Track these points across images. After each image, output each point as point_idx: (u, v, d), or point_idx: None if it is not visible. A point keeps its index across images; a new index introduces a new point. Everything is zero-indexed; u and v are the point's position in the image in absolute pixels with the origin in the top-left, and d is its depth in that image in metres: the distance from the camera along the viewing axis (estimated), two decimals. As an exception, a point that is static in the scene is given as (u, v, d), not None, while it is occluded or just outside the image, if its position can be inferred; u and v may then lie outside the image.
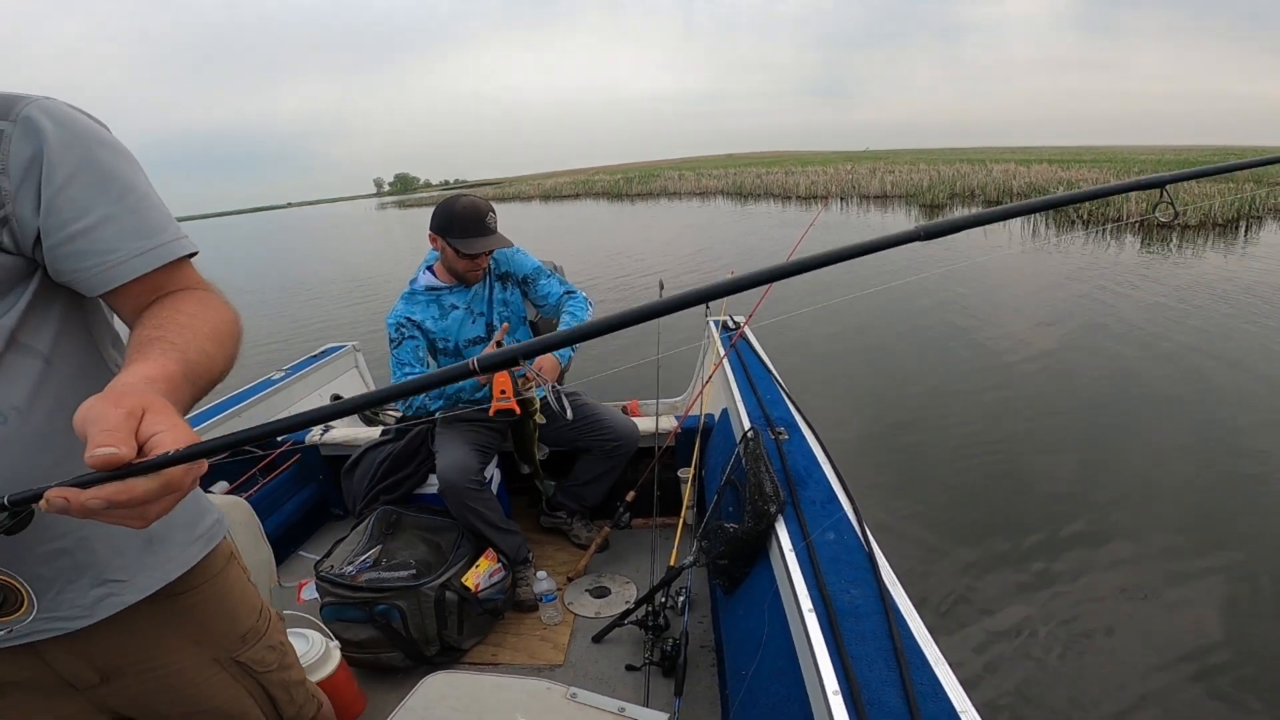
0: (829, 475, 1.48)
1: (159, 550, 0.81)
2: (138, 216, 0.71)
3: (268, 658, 0.96)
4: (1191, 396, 4.44)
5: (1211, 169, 0.74)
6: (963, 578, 2.72)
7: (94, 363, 0.76)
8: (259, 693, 0.96)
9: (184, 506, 0.84)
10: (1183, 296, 6.91)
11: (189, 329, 0.68)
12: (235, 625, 0.92)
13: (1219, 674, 2.16)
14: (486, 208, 1.95)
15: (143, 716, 0.88)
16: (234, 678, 0.92)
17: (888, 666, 0.93)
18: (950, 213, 16.32)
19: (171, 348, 0.64)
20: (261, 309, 10.73)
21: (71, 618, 0.74)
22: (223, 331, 0.73)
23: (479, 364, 0.51)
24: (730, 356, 2.30)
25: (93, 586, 0.75)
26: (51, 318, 0.71)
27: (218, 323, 0.73)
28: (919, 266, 9.31)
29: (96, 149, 0.68)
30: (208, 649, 0.89)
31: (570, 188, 41.71)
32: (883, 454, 3.91)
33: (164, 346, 0.64)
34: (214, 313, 0.73)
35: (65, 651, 0.76)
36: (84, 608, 0.75)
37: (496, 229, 1.97)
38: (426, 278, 2.06)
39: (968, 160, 30.97)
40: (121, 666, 0.81)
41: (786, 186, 24.98)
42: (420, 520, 1.99)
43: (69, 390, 0.70)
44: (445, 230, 1.95)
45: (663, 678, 1.67)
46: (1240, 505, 3.17)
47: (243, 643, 0.93)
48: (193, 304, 0.72)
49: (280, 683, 0.99)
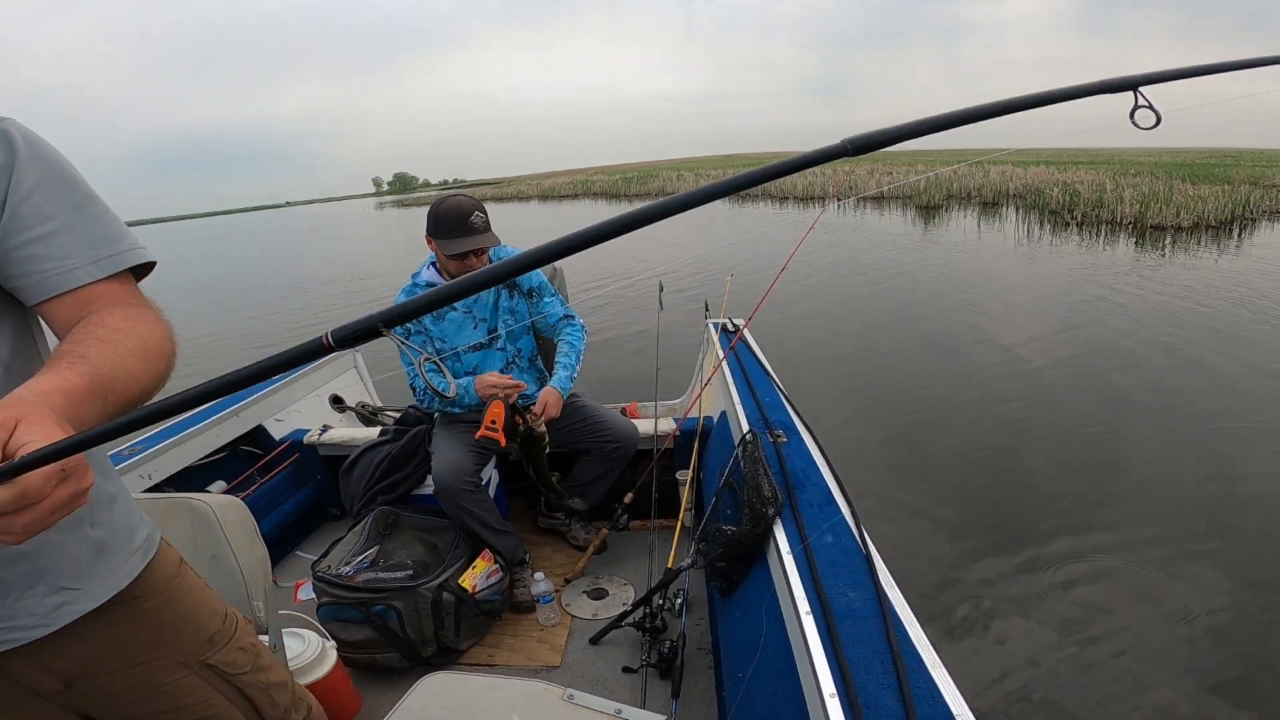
0: (827, 478, 1.48)
1: (109, 559, 0.81)
2: (98, 226, 0.73)
3: (239, 659, 0.96)
4: (1195, 397, 4.44)
5: (1192, 69, 0.61)
6: (963, 578, 2.72)
7: (32, 367, 0.75)
8: (235, 695, 0.95)
9: (126, 515, 0.85)
10: (1188, 297, 6.94)
11: (109, 344, 0.67)
12: (199, 629, 0.92)
13: (1221, 676, 2.16)
14: (472, 207, 1.91)
15: (113, 718, 0.87)
16: (205, 681, 0.92)
17: (884, 669, 0.93)
18: (947, 215, 16.40)
19: (81, 361, 0.63)
20: (263, 309, 10.76)
21: (29, 626, 0.75)
22: (150, 348, 0.72)
23: (333, 337, 0.47)
24: (729, 359, 2.30)
25: (49, 594, 0.75)
26: (7, 327, 0.71)
27: (145, 338, 0.72)
28: (920, 264, 9.34)
29: (61, 162, 0.72)
30: (172, 653, 0.88)
31: (569, 188, 41.71)
32: (886, 453, 3.91)
33: (72, 360, 0.62)
34: (143, 327, 0.73)
35: (27, 663, 0.77)
36: (41, 615, 0.75)
37: (486, 228, 1.93)
38: (429, 273, 2.05)
39: (967, 161, 31.00)
40: (84, 674, 0.81)
41: (783, 187, 25.04)
42: (418, 521, 1.99)
43: None
44: (432, 231, 1.94)
45: (660, 680, 1.67)
46: (1247, 506, 3.16)
47: (210, 645, 0.92)
48: (119, 319, 0.72)
49: (257, 685, 0.98)
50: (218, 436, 2.37)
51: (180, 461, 2.20)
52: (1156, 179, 17.86)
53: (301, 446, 2.54)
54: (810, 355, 5.81)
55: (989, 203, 18.43)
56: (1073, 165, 26.44)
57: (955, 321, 6.57)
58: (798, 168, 0.51)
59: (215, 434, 2.36)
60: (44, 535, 0.64)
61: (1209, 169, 21.84)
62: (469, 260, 1.93)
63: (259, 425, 2.56)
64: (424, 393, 2.03)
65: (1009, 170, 23.78)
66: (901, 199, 20.28)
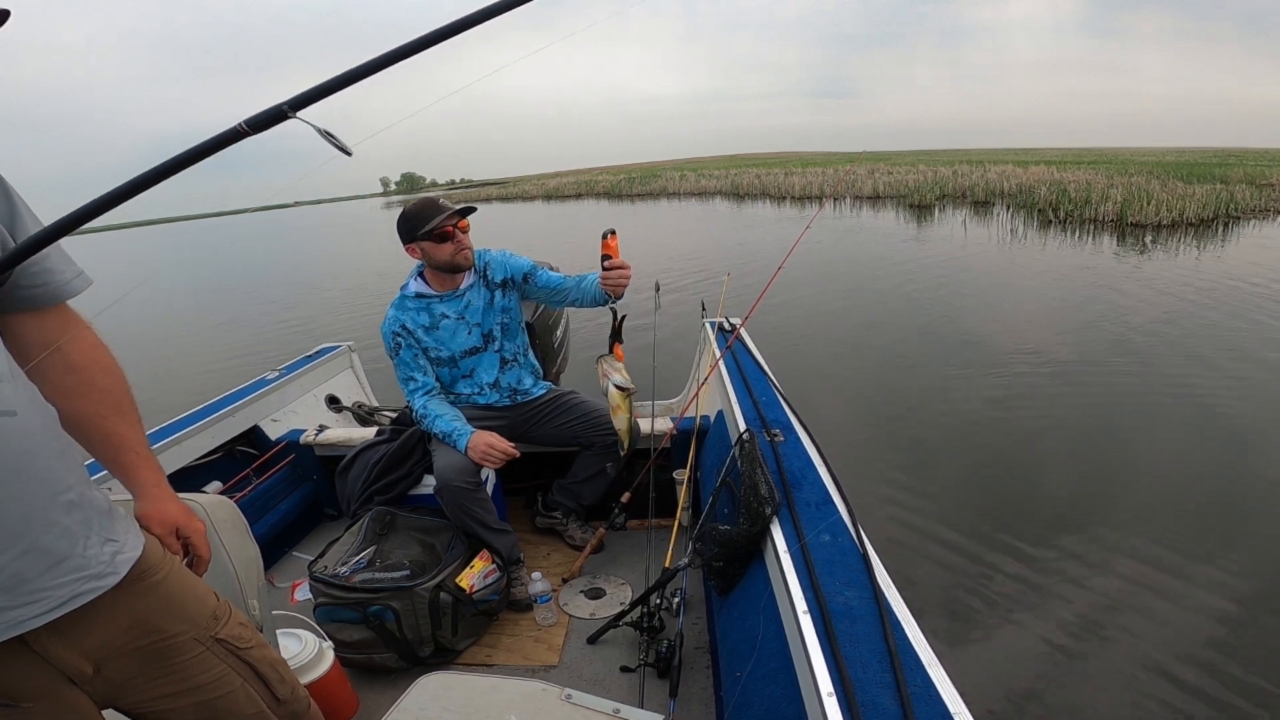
0: (824, 477, 1.48)
1: (124, 520, 0.92)
2: (62, 250, 0.89)
3: (244, 634, 1.02)
4: (1198, 399, 4.43)
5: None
6: (963, 577, 2.73)
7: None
8: (246, 671, 1.01)
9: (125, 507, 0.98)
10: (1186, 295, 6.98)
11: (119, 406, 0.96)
12: (202, 604, 0.99)
13: (1224, 680, 2.14)
14: (436, 197, 1.98)
15: (137, 704, 0.93)
16: (218, 657, 0.98)
17: (882, 668, 0.93)
18: (939, 212, 16.47)
19: (138, 445, 0.99)
20: (256, 309, 10.72)
21: (102, 574, 0.83)
22: (130, 395, 0.98)
23: (247, 124, 0.57)
24: (726, 358, 2.30)
25: (103, 543, 0.85)
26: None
27: (126, 388, 0.98)
28: (920, 264, 9.36)
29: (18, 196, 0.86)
30: (186, 627, 0.95)
31: (573, 188, 41.70)
32: (884, 453, 3.91)
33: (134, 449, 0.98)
34: (117, 376, 0.97)
35: (59, 643, 0.82)
36: (106, 563, 0.84)
37: (456, 206, 1.96)
38: (417, 284, 2.04)
39: (967, 162, 31.03)
40: (110, 654, 0.88)
41: (782, 187, 25.14)
42: (414, 521, 1.98)
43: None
44: (407, 233, 1.95)
45: (658, 679, 1.67)
46: (1254, 506, 3.15)
47: (215, 620, 0.99)
48: (105, 378, 0.95)
49: (265, 660, 1.04)
50: (213, 437, 2.36)
51: (175, 462, 2.19)
52: (1152, 178, 17.88)
53: (298, 447, 2.53)
54: (807, 353, 5.81)
55: (980, 201, 18.49)
56: (1073, 165, 26.37)
57: (953, 320, 6.59)
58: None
59: (210, 434, 2.35)
60: (82, 486, 0.84)
61: (1209, 168, 21.72)
62: (456, 237, 1.93)
63: (255, 426, 2.55)
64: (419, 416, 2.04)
65: (1009, 169, 23.79)
66: (896, 197, 20.35)
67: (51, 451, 0.81)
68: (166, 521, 0.98)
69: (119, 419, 0.95)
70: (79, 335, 0.92)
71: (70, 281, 0.90)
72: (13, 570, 0.75)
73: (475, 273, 2.06)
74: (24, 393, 0.79)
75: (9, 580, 0.75)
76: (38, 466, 0.78)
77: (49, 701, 0.84)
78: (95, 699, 0.89)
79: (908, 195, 19.89)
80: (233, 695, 0.99)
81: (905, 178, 22.99)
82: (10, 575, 0.75)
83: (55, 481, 0.80)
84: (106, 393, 0.94)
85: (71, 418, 0.89)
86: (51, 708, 0.84)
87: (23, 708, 0.82)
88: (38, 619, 0.78)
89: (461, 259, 1.96)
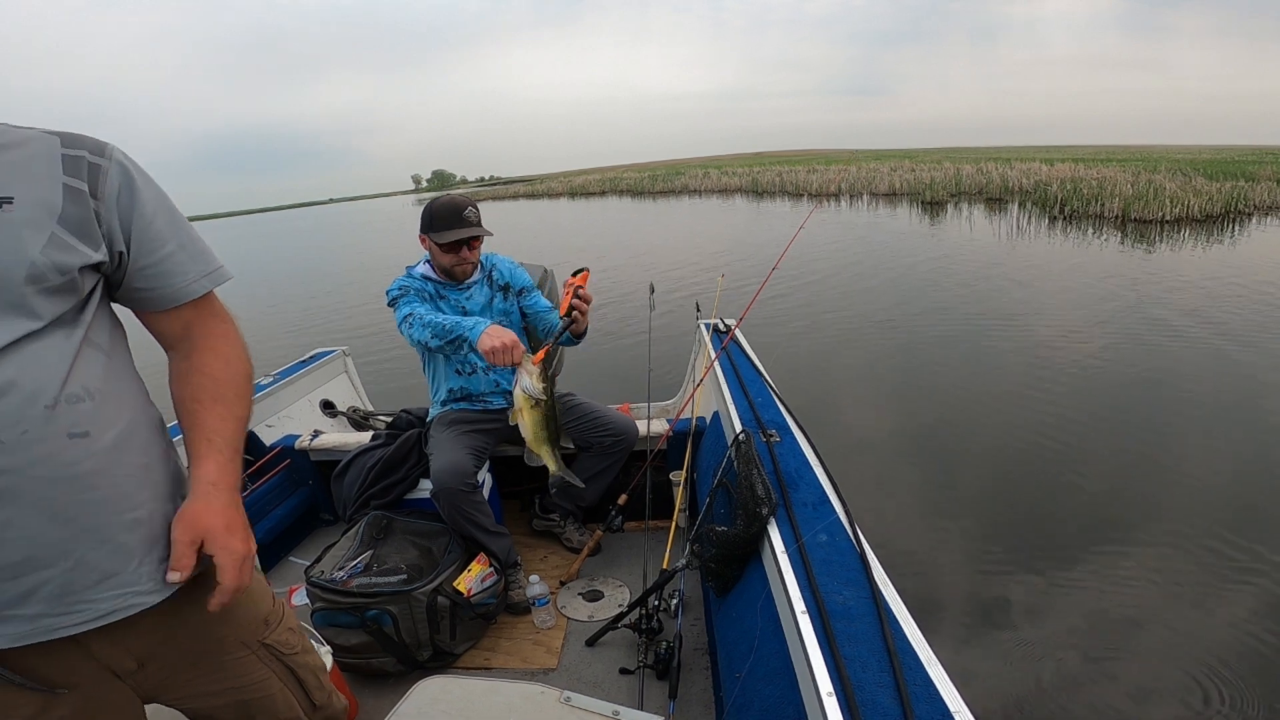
0: (820, 477, 1.48)
1: None
2: (197, 246, 0.89)
3: (290, 639, 1.03)
4: (1202, 398, 4.44)
5: None
6: (963, 577, 2.73)
7: (124, 355, 0.87)
8: (287, 676, 1.02)
9: None
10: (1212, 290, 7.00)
11: (222, 403, 0.89)
12: (256, 609, 0.99)
13: (1226, 682, 2.13)
14: (465, 203, 1.98)
15: (178, 699, 0.95)
16: (262, 661, 0.99)
17: (881, 668, 0.94)
18: (951, 209, 16.54)
19: (217, 436, 0.87)
20: (259, 308, 10.68)
21: (148, 591, 0.82)
22: (241, 384, 0.93)
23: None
24: (721, 359, 2.30)
25: (161, 560, 0.84)
26: (104, 323, 0.84)
27: (240, 382, 0.93)
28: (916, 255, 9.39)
29: (163, 192, 0.86)
30: (234, 631, 0.95)
31: (598, 185, 41.87)
32: (882, 451, 3.92)
33: (210, 440, 0.87)
34: (232, 368, 0.92)
35: (106, 643, 0.83)
36: (156, 581, 0.83)
37: (478, 223, 1.99)
38: (424, 268, 2.08)
39: (993, 159, 30.61)
40: (155, 653, 0.88)
41: (800, 185, 25.37)
42: (411, 525, 1.98)
43: (121, 375, 0.85)
44: (427, 227, 1.99)
45: (657, 681, 1.67)
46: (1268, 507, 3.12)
47: (265, 626, 0.99)
48: (217, 365, 0.90)
49: (307, 666, 1.06)
50: None
51: None
52: (1175, 175, 17.60)
53: (293, 452, 2.52)
54: (803, 352, 5.82)
55: (994, 199, 18.54)
56: (1104, 163, 25.68)
57: (952, 318, 6.61)
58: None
59: None
60: (156, 503, 0.84)
61: (1241, 165, 21.01)
62: (463, 252, 1.98)
63: (249, 431, 2.54)
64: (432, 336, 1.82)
65: (1035, 166, 23.55)
66: (910, 194, 20.43)
67: (127, 469, 0.80)
68: (194, 528, 0.82)
69: (212, 405, 0.88)
70: (208, 329, 0.91)
71: (194, 283, 0.87)
72: (61, 582, 0.75)
73: (481, 271, 2.11)
74: (107, 411, 0.78)
75: (55, 590, 0.75)
76: (104, 485, 0.77)
77: (88, 691, 0.84)
78: (139, 693, 0.90)
79: (921, 192, 19.97)
80: (271, 698, 1.00)
81: (925, 175, 22.99)
82: (57, 586, 0.75)
83: (122, 500, 0.79)
84: (211, 379, 0.89)
85: (175, 400, 0.89)
86: (91, 697, 0.84)
87: (58, 694, 0.82)
88: (78, 627, 0.77)
89: (459, 271, 2.02)
